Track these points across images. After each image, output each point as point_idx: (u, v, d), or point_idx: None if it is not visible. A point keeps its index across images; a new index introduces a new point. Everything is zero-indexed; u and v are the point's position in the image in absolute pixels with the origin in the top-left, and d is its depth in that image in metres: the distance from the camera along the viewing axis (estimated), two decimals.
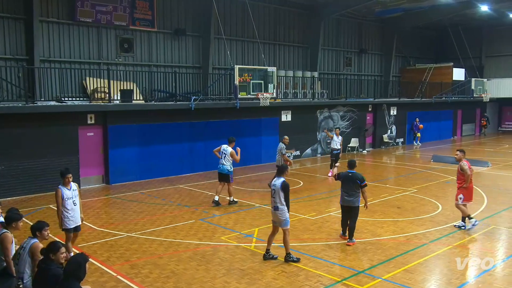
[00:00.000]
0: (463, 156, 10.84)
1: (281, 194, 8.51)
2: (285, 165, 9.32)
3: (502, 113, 38.04)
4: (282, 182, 8.59)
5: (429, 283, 7.73)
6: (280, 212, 8.53)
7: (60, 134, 15.04)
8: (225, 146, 13.10)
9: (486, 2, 26.90)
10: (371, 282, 7.60)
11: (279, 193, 8.53)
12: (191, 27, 21.47)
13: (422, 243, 9.69)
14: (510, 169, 19.59)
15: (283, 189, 8.52)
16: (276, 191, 8.58)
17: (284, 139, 14.93)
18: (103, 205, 13.62)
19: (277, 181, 8.66)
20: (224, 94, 21.31)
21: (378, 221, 11.32)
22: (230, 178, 13.08)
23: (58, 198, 8.18)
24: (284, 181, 8.62)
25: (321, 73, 27.13)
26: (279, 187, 8.54)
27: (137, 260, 8.72)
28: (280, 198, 8.52)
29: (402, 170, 19.96)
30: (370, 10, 28.39)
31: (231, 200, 13.22)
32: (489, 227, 10.76)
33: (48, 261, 5.83)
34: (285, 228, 8.55)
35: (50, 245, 5.95)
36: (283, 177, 8.72)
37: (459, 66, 32.53)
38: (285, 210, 8.54)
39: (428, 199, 13.66)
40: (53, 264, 5.79)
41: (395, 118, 28.21)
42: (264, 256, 8.69)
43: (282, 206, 8.51)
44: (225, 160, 12.98)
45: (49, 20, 17.33)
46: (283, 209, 8.52)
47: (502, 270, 8.20)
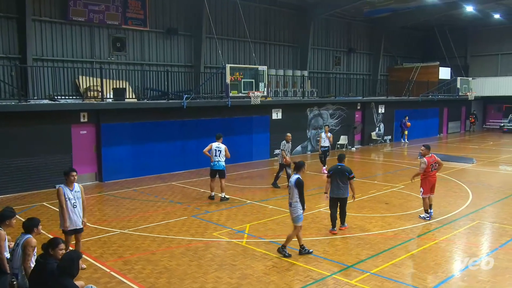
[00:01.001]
0: (427, 151, 11.20)
1: (296, 191, 8.48)
2: (302, 162, 9.11)
3: (486, 111, 38.39)
4: (296, 179, 8.54)
5: (416, 277, 7.78)
6: (293, 209, 8.54)
7: (53, 132, 14.92)
8: (217, 144, 13.19)
9: (471, 3, 27.13)
10: (360, 276, 7.65)
11: (293, 190, 8.51)
12: (183, 27, 21.38)
13: (409, 237, 9.76)
14: (494, 165, 19.80)
15: (296, 185, 8.49)
16: (291, 187, 8.58)
17: (287, 137, 14.99)
18: (96, 202, 13.54)
19: (292, 178, 8.65)
20: (215, 92, 21.28)
21: (367, 217, 11.38)
22: (225, 173, 13.39)
23: (61, 196, 7.70)
24: (299, 178, 8.55)
25: (311, 72, 27.17)
26: (293, 184, 8.52)
27: (130, 256, 8.68)
28: (294, 194, 8.49)
29: (390, 166, 20.08)
30: (358, 10, 28.46)
31: (223, 197, 13.25)
32: (474, 222, 10.87)
33: (46, 255, 5.81)
34: (296, 224, 8.55)
35: (51, 240, 5.95)
36: (299, 174, 8.66)
37: (445, 65, 32.78)
38: (298, 207, 8.50)
39: (415, 195, 13.73)
40: (51, 259, 5.77)
41: (383, 116, 28.37)
42: (300, 251, 8.68)
43: (295, 203, 8.50)
44: (221, 156, 13.14)
45: (41, 19, 17.17)
46: (296, 206, 8.51)
47: (486, 264, 8.28)
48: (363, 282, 7.41)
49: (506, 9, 30.27)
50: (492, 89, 34.65)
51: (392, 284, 7.30)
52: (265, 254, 8.71)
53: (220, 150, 13.13)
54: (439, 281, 7.51)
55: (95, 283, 7.02)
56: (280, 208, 12.19)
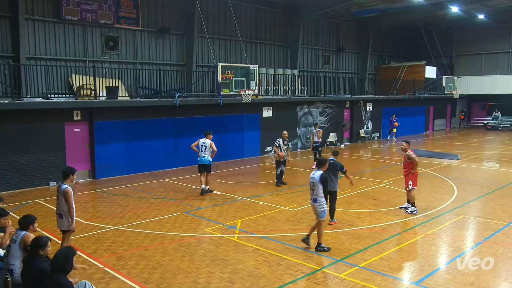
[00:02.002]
0: (408, 146, 11.44)
1: (320, 187, 8.53)
2: (325, 158, 9.19)
3: (471, 109, 38.74)
4: (320, 175, 8.58)
5: (403, 270, 7.86)
6: (319, 204, 8.57)
7: (47, 130, 14.80)
8: (204, 140, 13.46)
9: (456, 3, 27.34)
10: (349, 270, 7.69)
11: (318, 186, 8.54)
12: (175, 26, 21.27)
13: (396, 232, 9.84)
14: (478, 162, 20.00)
15: (322, 181, 8.53)
16: (315, 183, 8.58)
17: (283, 134, 14.97)
18: (90, 199, 13.46)
19: (316, 174, 8.64)
20: (207, 91, 21.23)
21: (355, 212, 11.45)
22: (211, 168, 13.62)
23: (72, 197, 7.52)
24: (323, 174, 8.62)
25: (300, 70, 27.20)
26: (318, 180, 8.54)
27: (124, 252, 8.65)
28: (319, 190, 8.54)
29: (378, 163, 20.21)
30: (347, 10, 28.54)
31: (206, 189, 13.59)
32: (459, 217, 10.99)
33: (34, 255, 5.73)
34: (320, 219, 8.61)
35: (38, 240, 5.83)
36: (321, 170, 8.71)
37: (431, 64, 33.00)
38: (323, 202, 8.59)
39: (402, 191, 13.79)
40: (39, 258, 5.70)
41: (371, 114, 28.50)
42: (304, 239, 8.83)
43: (320, 198, 8.56)
44: (206, 151, 13.38)
45: (34, 18, 16.98)
46: (321, 201, 8.57)
47: (471, 257, 8.38)
48: (352, 275, 7.45)
49: (490, 10, 30.56)
50: (477, 88, 35.03)
51: (380, 277, 7.36)
52: (256, 249, 8.72)
53: (205, 146, 13.40)
54: (426, 274, 7.58)
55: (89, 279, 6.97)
56: (271, 204, 12.22)
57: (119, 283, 7.26)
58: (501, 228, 10.00)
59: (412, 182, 11.24)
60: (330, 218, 10.32)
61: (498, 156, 21.70)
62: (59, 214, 7.73)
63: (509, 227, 10.11)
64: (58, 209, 7.73)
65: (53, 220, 10.76)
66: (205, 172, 13.52)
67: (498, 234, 9.61)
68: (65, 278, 5.28)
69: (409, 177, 11.27)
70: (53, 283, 5.21)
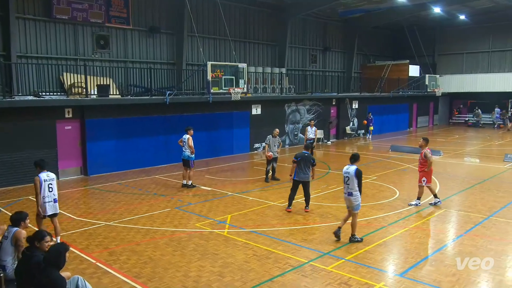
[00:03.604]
0: (425, 144, 11.52)
1: (356, 181, 8.65)
2: (358, 153, 9.28)
3: (452, 106, 39.15)
4: (356, 169, 8.73)
5: (387, 262, 7.94)
6: (354, 198, 8.74)
7: (38, 128, 14.62)
8: (184, 135, 13.68)
9: (438, 4, 27.58)
10: (335, 263, 7.74)
11: (353, 180, 8.67)
12: (165, 25, 21.12)
13: (381, 225, 9.92)
14: (459, 157, 20.25)
15: (357, 176, 8.68)
16: (350, 178, 8.73)
17: (274, 132, 14.93)
18: (82, 195, 13.34)
19: (350, 169, 8.78)
20: (197, 89, 21.13)
21: (342, 207, 11.45)
22: (191, 163, 13.69)
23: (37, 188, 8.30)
24: (358, 168, 8.76)
25: (288, 69, 27.22)
26: (353, 174, 8.68)
27: (116, 247, 8.59)
28: (354, 184, 8.68)
29: (363, 159, 20.22)
30: (334, 10, 28.61)
31: (189, 184, 13.74)
32: (441, 210, 11.12)
33: (32, 248, 5.71)
34: (355, 212, 8.78)
35: (36, 233, 5.84)
36: (355, 165, 8.83)
37: (415, 63, 33.26)
38: (358, 196, 8.74)
39: (387, 186, 13.97)
40: (37, 251, 5.67)
41: (356, 111, 28.65)
42: (335, 231, 8.89)
43: (355, 192, 8.71)
44: (186, 147, 13.58)
45: (25, 17, 16.72)
46: (356, 195, 8.73)
47: (452, 249, 8.49)
48: (339, 268, 7.50)
49: (471, 11, 30.92)
50: (458, 86, 35.46)
51: (365, 270, 7.41)
52: (245, 243, 8.73)
53: (184, 141, 13.60)
54: (409, 265, 7.66)
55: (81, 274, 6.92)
56: (260, 200, 12.23)
57: (111, 278, 7.21)
58: (481, 221, 10.14)
59: (426, 179, 11.37)
60: (306, 205, 10.98)
61: (478, 152, 21.97)
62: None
63: (489, 220, 10.26)
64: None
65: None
66: (186, 167, 13.72)
67: (479, 227, 9.74)
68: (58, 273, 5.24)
69: (423, 174, 11.39)
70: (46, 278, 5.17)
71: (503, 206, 11.45)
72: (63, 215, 10.86)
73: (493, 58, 34.39)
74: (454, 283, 6.91)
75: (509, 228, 9.75)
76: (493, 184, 14.31)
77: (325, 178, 15.29)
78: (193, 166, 13.94)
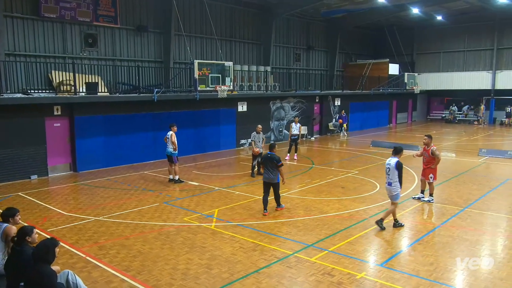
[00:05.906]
0: (430, 141, 11.42)
1: (396, 172, 8.83)
2: (401, 146, 9.38)
3: (430, 103, 39.67)
4: (396, 161, 8.94)
5: (368, 253, 8.03)
6: (393, 188, 8.98)
7: (28, 125, 14.37)
8: (169, 132, 13.71)
9: (417, 5, 27.86)
10: (319, 254, 7.80)
11: (394, 171, 8.87)
12: (152, 24, 20.90)
13: (363, 218, 10.01)
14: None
15: (397, 168, 8.87)
16: (391, 169, 8.95)
17: (257, 128, 14.97)
18: (71, 191, 13.17)
19: (392, 161, 9.01)
20: (184, 87, 20.98)
21: (325, 200, 11.59)
22: (174, 159, 13.69)
23: None
24: (399, 161, 8.96)
25: (273, 67, 27.22)
26: (394, 166, 8.88)
27: (105, 242, 8.52)
28: (394, 175, 8.87)
29: (345, 154, 20.48)
30: (317, 10, 28.67)
31: (176, 179, 13.74)
32: (419, 203, 11.28)
33: (23, 243, 5.62)
34: (395, 201, 9.12)
35: (24, 229, 5.73)
36: (397, 157, 9.01)
37: (394, 62, 33.57)
38: (397, 186, 8.97)
39: (368, 180, 14.11)
40: (27, 246, 5.58)
41: (339, 108, 28.82)
42: (394, 224, 9.20)
43: (395, 183, 8.94)
44: (168, 143, 13.68)
45: (13, 15, 16.37)
46: (396, 185, 8.96)
47: (430, 239, 8.62)
48: (322, 259, 7.56)
49: (447, 12, 31.35)
50: (435, 84, 36.02)
51: (348, 260, 7.49)
52: (232, 237, 8.74)
53: (168, 138, 13.66)
54: (389, 256, 7.78)
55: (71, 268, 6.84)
56: (246, 194, 12.24)
57: (101, 271, 7.15)
58: (457, 213, 10.32)
59: (433, 175, 11.27)
60: (277, 205, 10.53)
61: (454, 147, 22.32)
62: None
63: (464, 211, 10.45)
64: None
65: (35, 213, 10.54)
66: (170, 163, 13.78)
67: (455, 218, 9.91)
68: (49, 267, 5.16)
69: (430, 170, 11.29)
70: (36, 273, 5.09)
71: (477, 198, 11.67)
72: (53, 210, 10.72)
73: (468, 57, 34.93)
74: (432, 271, 7.03)
75: (483, 219, 9.95)
76: (468, 177, 14.56)
77: (309, 173, 15.37)
78: (177, 162, 13.85)
